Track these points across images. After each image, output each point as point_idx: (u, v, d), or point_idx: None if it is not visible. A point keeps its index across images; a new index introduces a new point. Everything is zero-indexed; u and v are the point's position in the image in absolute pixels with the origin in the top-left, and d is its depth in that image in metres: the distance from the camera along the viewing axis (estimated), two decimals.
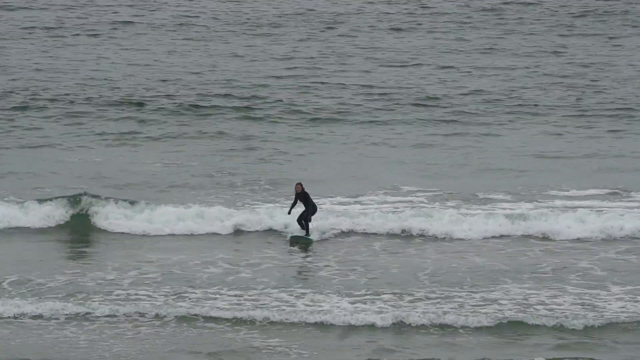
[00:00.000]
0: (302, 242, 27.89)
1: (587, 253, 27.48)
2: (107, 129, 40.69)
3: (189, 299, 23.28)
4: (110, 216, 29.08)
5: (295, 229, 28.34)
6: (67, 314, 22.10)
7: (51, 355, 20.13)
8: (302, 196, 28.10)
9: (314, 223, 28.35)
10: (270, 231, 28.83)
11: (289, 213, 28.32)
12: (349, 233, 28.62)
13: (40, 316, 22.06)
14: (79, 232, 28.83)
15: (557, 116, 43.37)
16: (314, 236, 28.12)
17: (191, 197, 31.47)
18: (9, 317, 22.06)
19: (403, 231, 28.75)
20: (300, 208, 28.56)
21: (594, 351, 20.99)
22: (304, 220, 28.12)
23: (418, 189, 32.70)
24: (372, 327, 21.96)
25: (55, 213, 29.21)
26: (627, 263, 26.74)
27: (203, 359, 20.36)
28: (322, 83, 49.34)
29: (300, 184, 28.19)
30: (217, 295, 23.52)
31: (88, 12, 66.35)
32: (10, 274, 24.70)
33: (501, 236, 28.73)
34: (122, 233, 28.65)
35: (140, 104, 44.50)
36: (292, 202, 28.41)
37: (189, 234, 28.75)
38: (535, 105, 45.09)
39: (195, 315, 22.30)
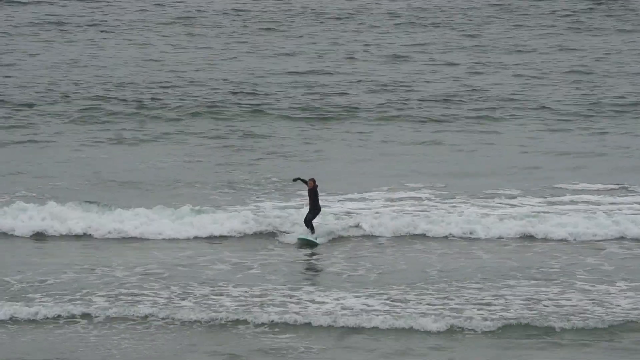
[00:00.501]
0: (309, 244, 27.61)
1: (595, 250, 27.36)
2: (114, 126, 40.70)
3: (197, 296, 23.21)
4: (108, 220, 28.58)
5: (304, 230, 28.03)
6: (75, 312, 22.05)
7: (60, 353, 20.06)
8: (311, 193, 27.85)
9: (316, 222, 28.04)
10: (277, 230, 28.56)
11: (294, 180, 28.72)
12: (355, 232, 28.41)
13: (50, 314, 21.95)
14: (88, 237, 28.49)
15: (566, 113, 43.28)
16: (318, 236, 27.77)
17: (198, 196, 31.41)
18: (15, 315, 21.93)
19: (410, 232, 28.50)
20: (306, 209, 28.38)
21: (610, 350, 20.76)
22: (307, 220, 27.83)
23: (424, 186, 32.63)
24: (381, 328, 21.72)
25: (64, 218, 28.81)
26: (636, 260, 26.62)
27: (212, 357, 20.30)
28: (329, 80, 49.30)
29: (313, 179, 27.96)
30: (225, 293, 23.42)
31: (96, 8, 66.32)
32: (16, 273, 24.65)
33: (508, 234, 28.53)
34: (126, 238, 28.21)
35: (148, 101, 44.50)
36: (303, 180, 28.46)
37: (194, 236, 28.35)
38: (544, 101, 45.03)
39: (202, 312, 22.19)
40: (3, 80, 48.28)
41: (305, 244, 27.55)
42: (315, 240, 27.70)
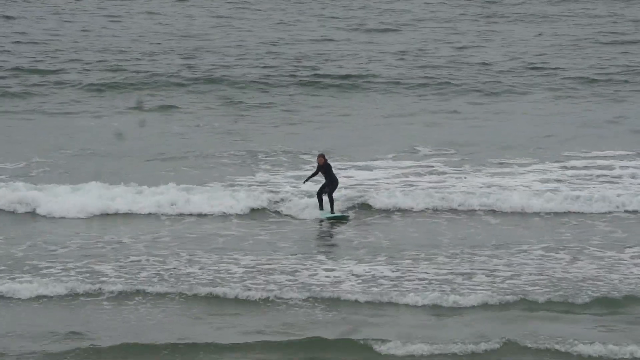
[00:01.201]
0: (340, 219, 27.03)
1: (607, 217, 27.23)
2: (127, 96, 40.80)
3: (204, 264, 23.12)
4: (117, 197, 28.30)
5: (325, 208, 27.35)
6: (88, 282, 22.01)
7: (82, 324, 19.98)
8: (324, 169, 26.92)
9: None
10: (283, 202, 28.19)
11: (304, 182, 27.47)
12: (365, 202, 28.16)
13: (63, 290, 21.76)
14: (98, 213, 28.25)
15: (579, 80, 43.17)
16: (338, 210, 27.29)
17: (207, 166, 31.36)
18: (41, 294, 21.72)
19: (420, 202, 28.28)
20: (318, 183, 27.94)
21: (624, 322, 20.33)
22: (327, 197, 27.02)
23: (435, 154, 32.62)
24: (394, 303, 21.39)
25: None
26: None
27: (235, 331, 20.15)
28: (340, 48, 49.20)
29: (322, 155, 27.01)
30: (234, 263, 23.29)
31: None
32: (24, 242, 24.62)
33: (518, 203, 28.24)
34: (131, 214, 27.73)
35: (161, 69, 44.51)
36: (311, 172, 27.71)
37: (202, 211, 27.99)
38: (557, 69, 44.90)
39: (217, 286, 22.05)
40: (17, 47, 48.36)
41: (333, 219, 26.91)
42: (344, 215, 27.04)
